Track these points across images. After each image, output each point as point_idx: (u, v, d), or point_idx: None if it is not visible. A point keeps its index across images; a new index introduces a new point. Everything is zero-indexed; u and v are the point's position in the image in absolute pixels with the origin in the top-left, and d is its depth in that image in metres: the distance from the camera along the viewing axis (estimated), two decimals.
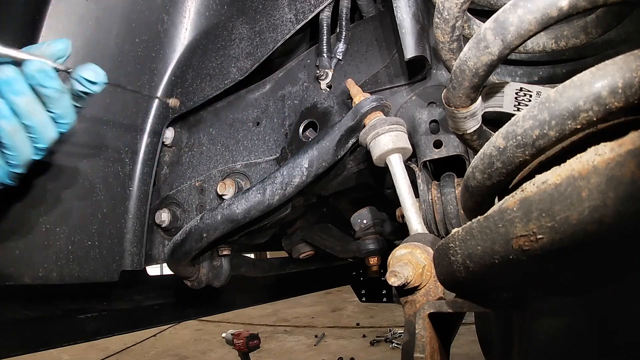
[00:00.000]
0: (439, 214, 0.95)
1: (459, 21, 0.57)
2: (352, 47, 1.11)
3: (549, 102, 0.38)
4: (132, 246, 1.24)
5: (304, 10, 1.09)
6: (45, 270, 1.05)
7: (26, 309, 1.24)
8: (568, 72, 0.88)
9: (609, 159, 0.30)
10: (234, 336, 3.76)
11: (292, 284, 2.22)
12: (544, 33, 0.73)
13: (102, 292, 1.42)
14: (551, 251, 0.34)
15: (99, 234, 1.17)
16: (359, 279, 2.50)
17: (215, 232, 1.02)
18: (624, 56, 0.35)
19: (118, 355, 5.77)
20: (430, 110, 0.96)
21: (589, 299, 0.43)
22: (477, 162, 0.46)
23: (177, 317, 1.77)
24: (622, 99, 0.35)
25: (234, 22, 1.19)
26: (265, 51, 1.14)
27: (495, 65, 0.49)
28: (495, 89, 0.64)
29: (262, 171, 1.16)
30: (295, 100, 1.15)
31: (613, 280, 0.41)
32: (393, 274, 0.59)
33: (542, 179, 0.34)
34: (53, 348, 1.31)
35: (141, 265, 1.26)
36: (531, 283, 0.47)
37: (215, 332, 6.31)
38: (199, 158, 1.26)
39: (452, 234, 0.43)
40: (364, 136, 0.89)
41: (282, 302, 6.02)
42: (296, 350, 5.60)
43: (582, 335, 0.45)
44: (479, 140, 0.64)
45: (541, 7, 0.43)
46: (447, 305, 0.50)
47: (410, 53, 0.90)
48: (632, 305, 0.40)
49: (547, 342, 0.47)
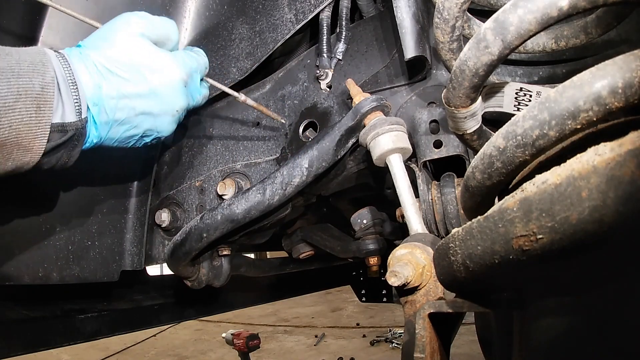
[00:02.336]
0: (439, 214, 0.95)
1: (459, 21, 0.57)
2: (352, 47, 1.11)
3: (549, 102, 0.38)
4: (132, 246, 1.24)
5: (304, 10, 1.09)
6: (45, 270, 1.05)
7: (26, 309, 1.24)
8: (568, 72, 0.88)
9: (609, 159, 0.30)
10: (234, 336, 3.76)
11: (292, 284, 2.22)
12: (544, 33, 0.73)
13: (102, 292, 1.41)
14: (551, 251, 0.34)
15: (99, 234, 1.17)
16: (359, 279, 2.50)
17: (215, 232, 1.02)
18: (624, 56, 0.35)
19: (118, 355, 5.77)
20: (430, 110, 0.96)
21: (589, 299, 0.43)
22: (477, 162, 0.46)
23: (177, 317, 1.77)
24: (622, 99, 0.35)
25: (234, 22, 1.19)
26: (265, 51, 1.14)
27: (495, 65, 0.49)
28: (495, 89, 0.64)
29: (262, 171, 1.16)
30: (295, 100, 1.15)
31: (613, 280, 0.41)
32: (393, 274, 0.59)
33: (542, 179, 0.34)
34: (53, 348, 1.31)
35: (141, 265, 1.26)
36: (531, 283, 0.47)
37: (215, 332, 6.31)
38: (199, 158, 1.26)
39: (452, 234, 0.43)
40: (364, 136, 0.89)
41: (282, 302, 6.02)
42: (296, 350, 5.60)
43: (582, 335, 0.45)
44: (479, 140, 0.64)
45: (541, 7, 0.43)
46: (447, 305, 0.50)
47: (410, 53, 0.90)
48: (632, 305, 0.40)
49: (547, 342, 0.47)
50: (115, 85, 0.81)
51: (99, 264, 1.16)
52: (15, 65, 0.70)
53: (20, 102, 0.70)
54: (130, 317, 1.52)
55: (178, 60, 0.88)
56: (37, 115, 0.72)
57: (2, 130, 0.68)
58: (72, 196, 1.11)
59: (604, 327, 0.42)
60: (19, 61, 0.71)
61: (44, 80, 0.73)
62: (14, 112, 0.69)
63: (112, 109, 0.81)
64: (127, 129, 0.86)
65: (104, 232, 1.18)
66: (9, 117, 0.69)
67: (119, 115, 0.83)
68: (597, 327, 0.43)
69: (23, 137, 0.71)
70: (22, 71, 0.70)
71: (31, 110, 0.71)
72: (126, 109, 0.83)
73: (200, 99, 0.97)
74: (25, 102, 0.70)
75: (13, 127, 0.69)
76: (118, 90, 0.81)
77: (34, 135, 0.72)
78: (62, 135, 0.76)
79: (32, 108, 0.71)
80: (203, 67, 0.96)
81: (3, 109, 0.68)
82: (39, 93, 0.72)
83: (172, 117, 0.90)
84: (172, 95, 0.87)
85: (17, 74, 0.70)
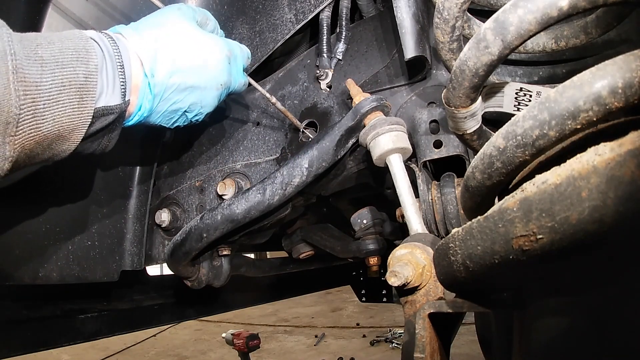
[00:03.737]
0: (439, 214, 0.95)
1: (459, 21, 0.57)
2: (352, 47, 1.11)
3: (549, 102, 0.38)
4: (132, 246, 1.24)
5: (304, 10, 1.09)
6: (45, 270, 1.05)
7: (26, 309, 1.24)
8: (568, 72, 0.88)
9: (609, 159, 0.30)
10: (234, 336, 3.76)
11: (292, 284, 2.22)
12: (544, 33, 0.73)
13: (102, 292, 1.42)
14: (551, 251, 0.34)
15: (99, 234, 1.17)
16: (359, 279, 2.50)
17: (215, 232, 1.02)
18: (624, 56, 0.35)
19: (118, 355, 5.77)
20: (430, 110, 0.96)
21: (589, 299, 0.43)
22: (477, 162, 0.46)
23: (177, 317, 1.77)
24: (622, 99, 0.35)
25: (234, 22, 1.19)
26: (265, 51, 1.14)
27: (495, 65, 0.49)
28: (495, 89, 0.64)
29: (262, 171, 1.16)
30: (295, 100, 1.15)
31: (613, 280, 0.41)
32: (393, 274, 0.59)
33: (542, 179, 0.34)
34: (53, 348, 1.31)
35: (141, 265, 1.26)
36: (531, 283, 0.47)
37: (215, 332, 6.31)
38: (199, 158, 1.26)
39: (452, 234, 0.43)
40: (364, 136, 0.89)
41: (282, 302, 6.02)
42: (296, 350, 5.60)
43: (582, 335, 0.45)
44: (479, 140, 0.64)
45: (541, 7, 0.43)
46: (447, 305, 0.50)
47: (410, 53, 0.90)
48: (632, 305, 0.40)
49: (547, 342, 0.47)
50: (169, 58, 0.83)
51: (99, 264, 1.16)
52: (58, 55, 0.67)
53: (64, 93, 0.67)
54: (130, 317, 1.52)
55: (221, 39, 0.94)
56: (80, 106, 0.70)
57: (46, 125, 0.66)
58: (73, 196, 1.11)
59: (604, 327, 0.42)
60: (62, 49, 0.68)
61: (88, 69, 0.71)
62: (58, 105, 0.67)
63: (163, 82, 0.82)
64: (173, 102, 0.87)
65: (104, 232, 1.18)
66: (52, 110, 0.66)
67: (169, 88, 0.84)
68: (597, 327, 0.43)
69: (65, 128, 0.69)
70: (65, 61, 0.68)
71: (74, 101, 0.69)
72: (177, 82, 0.84)
73: (240, 84, 0.99)
74: (69, 93, 0.68)
75: (56, 120, 0.67)
76: (172, 63, 0.83)
77: (74, 126, 0.70)
78: (104, 120, 0.75)
79: (75, 99, 0.69)
80: (245, 56, 1.00)
81: (48, 102, 0.65)
82: (82, 83, 0.70)
83: (216, 92, 0.92)
84: (217, 69, 0.90)
85: (61, 65, 0.67)
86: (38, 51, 0.65)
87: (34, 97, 0.64)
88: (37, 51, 0.65)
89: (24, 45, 0.64)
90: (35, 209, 1.04)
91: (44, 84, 0.65)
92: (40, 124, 0.65)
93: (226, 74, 0.93)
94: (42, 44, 0.67)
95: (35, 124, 0.65)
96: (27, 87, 0.63)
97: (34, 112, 0.64)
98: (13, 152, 0.64)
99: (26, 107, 0.63)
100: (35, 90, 0.64)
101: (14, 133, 0.62)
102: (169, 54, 0.83)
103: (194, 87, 0.88)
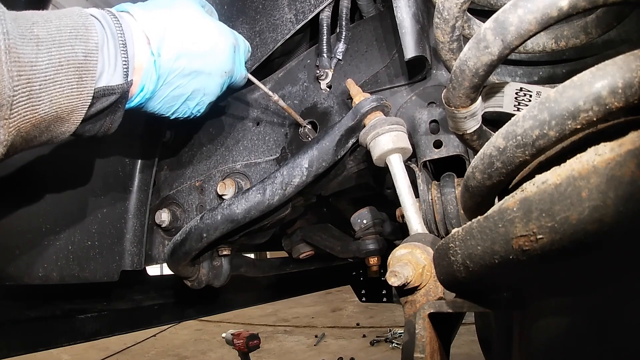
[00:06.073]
0: (439, 214, 0.95)
1: (459, 21, 0.57)
2: (352, 47, 1.11)
3: (549, 102, 0.38)
4: (132, 246, 1.24)
5: (304, 10, 1.09)
6: (45, 270, 1.05)
7: (26, 309, 1.24)
8: (568, 72, 0.88)
9: (609, 159, 0.30)
10: (234, 336, 3.76)
11: (292, 284, 2.22)
12: (544, 33, 0.73)
13: (102, 292, 1.41)
14: (551, 251, 0.34)
15: (99, 234, 1.17)
16: (359, 279, 2.50)
17: (215, 232, 1.02)
18: (624, 56, 0.35)
19: (118, 355, 5.77)
20: (430, 110, 0.96)
21: (589, 299, 0.43)
22: (477, 162, 0.46)
23: (177, 317, 1.76)
24: (622, 99, 0.35)
25: (234, 22, 1.19)
26: (265, 51, 1.14)
27: (495, 65, 0.49)
28: (495, 89, 0.64)
29: (262, 171, 1.16)
30: (295, 100, 1.15)
31: (613, 280, 0.41)
32: (393, 274, 0.59)
33: (542, 179, 0.34)
34: (53, 348, 1.31)
35: (141, 265, 1.26)
36: (531, 283, 0.47)
37: (215, 332, 6.32)
38: (199, 158, 1.26)
39: (452, 234, 0.43)
40: (364, 136, 0.89)
41: (282, 302, 6.01)
42: (296, 350, 5.60)
43: (582, 335, 0.45)
44: (479, 140, 0.64)
45: (541, 7, 0.43)
46: (447, 305, 0.50)
47: (410, 53, 0.90)
48: (632, 305, 0.40)
49: (547, 342, 0.47)
50: (177, 40, 0.81)
51: (99, 264, 1.16)
52: (55, 33, 0.64)
53: (62, 73, 0.64)
54: (130, 317, 1.52)
55: (228, 28, 0.94)
56: (79, 86, 0.67)
57: (43, 106, 0.63)
58: (72, 196, 1.11)
59: (604, 327, 0.42)
60: (59, 27, 0.65)
61: (87, 47, 0.67)
62: (55, 85, 0.63)
63: (168, 63, 0.81)
64: (176, 87, 0.85)
65: (104, 232, 1.18)
66: (49, 91, 0.63)
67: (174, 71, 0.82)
68: (597, 327, 0.43)
69: (63, 109, 0.66)
70: (63, 39, 0.64)
71: (73, 81, 0.66)
72: (182, 65, 0.83)
73: (241, 76, 0.99)
74: (67, 72, 0.64)
75: (54, 102, 0.64)
76: (180, 45, 0.82)
77: (73, 107, 0.67)
78: (105, 100, 0.72)
79: (74, 79, 0.66)
80: (247, 49, 1.00)
81: (44, 83, 0.62)
82: (81, 62, 0.66)
83: (220, 79, 0.92)
84: (223, 55, 0.90)
85: (58, 43, 0.63)
86: (34, 30, 0.62)
87: (29, 77, 0.61)
88: (33, 30, 0.62)
89: (18, 23, 0.61)
90: (35, 209, 1.04)
91: (39, 63, 0.62)
92: (37, 105, 0.63)
93: (231, 62, 0.92)
94: (39, 22, 0.64)
95: (30, 106, 0.62)
96: (21, 67, 0.60)
97: (30, 94, 0.61)
98: (8, 136, 0.61)
99: (21, 89, 0.60)
100: (30, 70, 0.61)
101: (8, 116, 0.59)
102: (177, 35, 0.82)
103: (199, 72, 0.86)
